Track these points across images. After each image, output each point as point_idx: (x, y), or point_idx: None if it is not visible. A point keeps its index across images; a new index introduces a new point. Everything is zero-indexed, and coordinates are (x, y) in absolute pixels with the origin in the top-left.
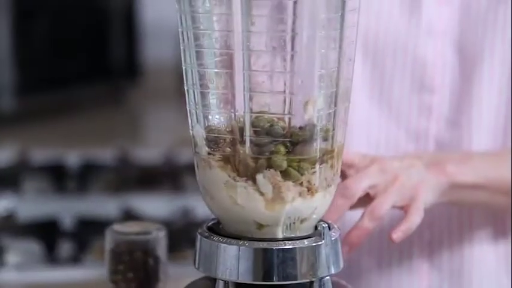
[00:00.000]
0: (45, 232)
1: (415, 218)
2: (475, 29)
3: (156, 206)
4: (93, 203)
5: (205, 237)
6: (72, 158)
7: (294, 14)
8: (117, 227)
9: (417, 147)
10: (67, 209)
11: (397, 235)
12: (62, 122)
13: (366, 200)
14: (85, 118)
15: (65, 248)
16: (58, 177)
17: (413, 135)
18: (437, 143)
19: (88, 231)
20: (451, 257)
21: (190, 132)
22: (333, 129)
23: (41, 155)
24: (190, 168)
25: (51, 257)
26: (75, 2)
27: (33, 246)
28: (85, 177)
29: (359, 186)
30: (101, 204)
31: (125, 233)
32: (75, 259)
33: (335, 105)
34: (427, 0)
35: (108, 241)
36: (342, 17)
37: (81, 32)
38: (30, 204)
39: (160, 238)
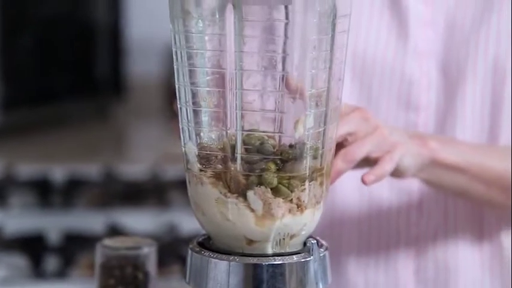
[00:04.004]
0: (31, 247)
1: (387, 165)
2: (458, 50)
3: (141, 221)
4: (79, 218)
5: (196, 252)
6: (58, 173)
7: (286, 35)
8: (107, 242)
9: None
10: (53, 224)
11: (369, 178)
12: (48, 137)
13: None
14: (71, 133)
15: (51, 262)
16: (44, 192)
17: None
18: None
19: (74, 246)
20: (436, 266)
21: (183, 149)
22: (323, 148)
23: (26, 169)
24: (175, 184)
25: (37, 271)
26: (62, 17)
27: (19, 261)
28: (71, 192)
29: (341, 130)
30: (87, 219)
31: (116, 248)
32: (62, 274)
33: (324, 124)
34: (414, 22)
35: (98, 256)
36: (332, 38)
37: (67, 47)
38: (16, 218)
39: (150, 253)
